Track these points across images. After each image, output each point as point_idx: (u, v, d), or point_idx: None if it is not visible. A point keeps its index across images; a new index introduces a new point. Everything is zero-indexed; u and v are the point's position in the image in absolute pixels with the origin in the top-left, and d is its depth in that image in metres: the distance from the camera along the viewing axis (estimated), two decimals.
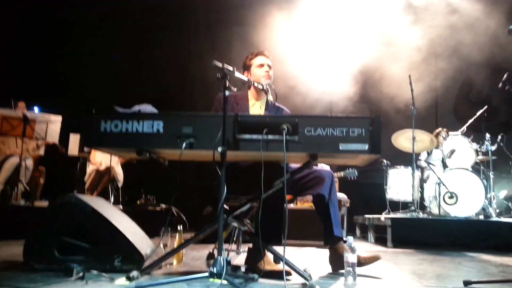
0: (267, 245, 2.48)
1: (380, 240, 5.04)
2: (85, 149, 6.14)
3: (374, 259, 2.69)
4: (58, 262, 2.46)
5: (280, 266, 2.51)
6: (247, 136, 2.25)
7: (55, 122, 5.68)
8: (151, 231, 3.31)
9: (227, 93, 2.30)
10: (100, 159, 6.16)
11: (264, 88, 2.87)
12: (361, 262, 2.64)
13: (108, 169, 6.01)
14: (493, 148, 5.62)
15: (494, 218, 5.14)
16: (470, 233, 4.68)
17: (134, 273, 2.26)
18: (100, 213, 2.57)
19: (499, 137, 5.68)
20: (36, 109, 6.12)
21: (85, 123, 2.35)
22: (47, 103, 6.31)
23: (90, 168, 6.20)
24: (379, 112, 6.73)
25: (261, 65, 3.02)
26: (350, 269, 2.35)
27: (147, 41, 7.39)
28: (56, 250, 2.50)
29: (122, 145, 2.35)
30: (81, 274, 2.25)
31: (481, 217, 5.19)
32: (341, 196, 5.12)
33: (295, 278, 2.41)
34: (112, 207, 3.18)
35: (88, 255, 2.49)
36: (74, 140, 6.19)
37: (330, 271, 2.77)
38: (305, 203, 4.74)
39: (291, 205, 4.68)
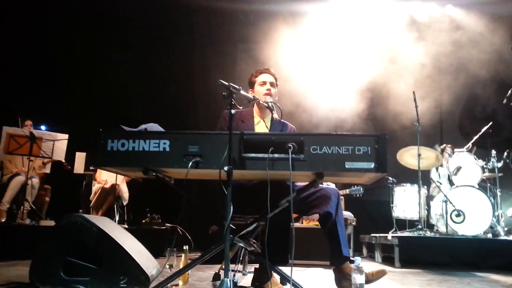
0: (274, 266, 2.45)
1: (388, 260, 4.96)
2: (91, 167, 6.16)
3: (381, 273, 2.65)
4: (64, 283, 2.45)
5: None
6: (252, 155, 2.24)
7: (62, 140, 5.72)
8: (156, 251, 3.28)
9: (232, 111, 2.29)
10: (105, 177, 6.17)
11: (269, 105, 2.86)
12: (369, 279, 2.60)
13: (114, 187, 6.01)
14: (499, 164, 5.55)
15: (503, 237, 5.06)
16: (478, 252, 4.60)
17: None
18: (107, 233, 2.55)
19: (505, 153, 5.63)
20: (43, 127, 6.20)
21: (93, 142, 2.34)
22: (53, 122, 6.37)
23: (95, 186, 6.20)
24: (384, 129, 6.73)
25: (264, 83, 3.04)
26: None
27: (153, 56, 7.47)
28: (62, 270, 2.49)
29: (128, 164, 2.33)
30: None
31: (489, 235, 5.11)
32: (347, 214, 5.08)
33: None
34: (117, 226, 3.17)
35: (94, 276, 2.47)
36: (79, 158, 6.22)
37: None
38: (311, 221, 4.69)
39: (297, 224, 4.64)
